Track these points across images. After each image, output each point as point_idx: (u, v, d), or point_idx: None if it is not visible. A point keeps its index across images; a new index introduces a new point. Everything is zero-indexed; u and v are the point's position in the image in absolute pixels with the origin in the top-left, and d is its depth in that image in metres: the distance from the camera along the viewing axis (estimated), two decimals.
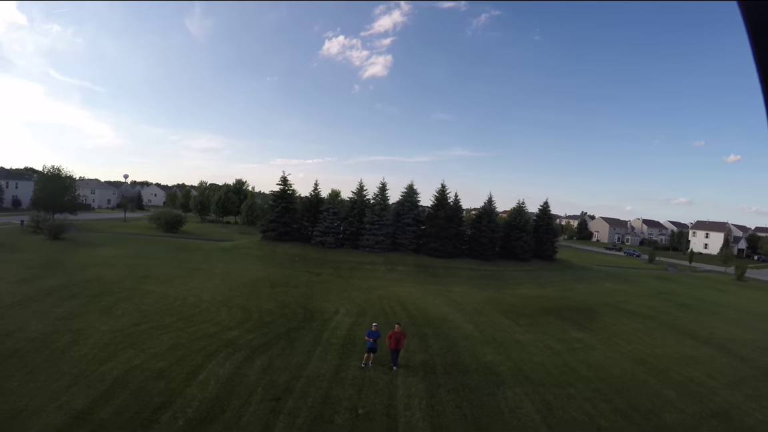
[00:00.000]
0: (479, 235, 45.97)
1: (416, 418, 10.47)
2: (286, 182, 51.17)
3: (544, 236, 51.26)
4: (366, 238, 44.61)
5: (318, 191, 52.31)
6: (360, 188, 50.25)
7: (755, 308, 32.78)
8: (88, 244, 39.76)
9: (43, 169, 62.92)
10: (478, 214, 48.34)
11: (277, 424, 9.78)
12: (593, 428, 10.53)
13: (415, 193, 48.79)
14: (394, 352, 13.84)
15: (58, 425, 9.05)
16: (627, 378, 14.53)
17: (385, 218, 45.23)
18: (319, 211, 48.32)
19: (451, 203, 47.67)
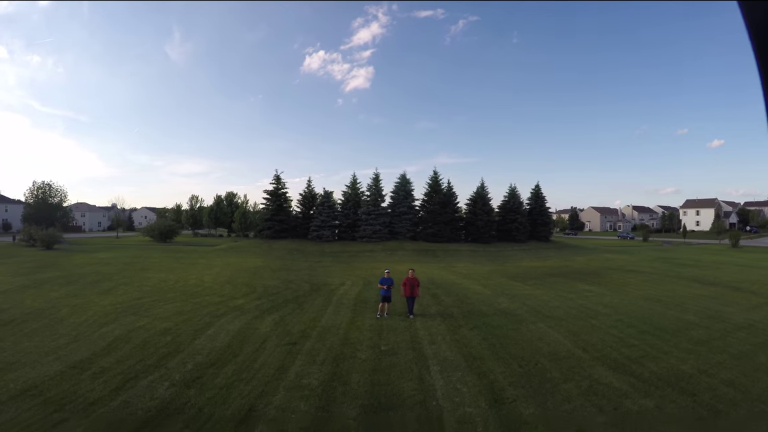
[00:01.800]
0: (475, 218, 45.91)
1: (443, 350, 10.10)
2: (279, 180, 50.73)
3: (538, 218, 51.42)
4: (363, 229, 44.25)
5: (312, 188, 51.91)
6: (353, 181, 50.03)
7: (755, 263, 33.06)
8: (83, 251, 38.82)
9: (33, 185, 61.80)
10: (473, 199, 48.35)
11: (295, 362, 9.31)
12: (625, 346, 10.26)
13: (409, 182, 48.67)
14: (409, 299, 13.48)
15: (52, 374, 8.46)
16: (645, 311, 14.36)
17: (380, 207, 45.00)
18: (313, 206, 47.91)
19: (445, 189, 47.62)
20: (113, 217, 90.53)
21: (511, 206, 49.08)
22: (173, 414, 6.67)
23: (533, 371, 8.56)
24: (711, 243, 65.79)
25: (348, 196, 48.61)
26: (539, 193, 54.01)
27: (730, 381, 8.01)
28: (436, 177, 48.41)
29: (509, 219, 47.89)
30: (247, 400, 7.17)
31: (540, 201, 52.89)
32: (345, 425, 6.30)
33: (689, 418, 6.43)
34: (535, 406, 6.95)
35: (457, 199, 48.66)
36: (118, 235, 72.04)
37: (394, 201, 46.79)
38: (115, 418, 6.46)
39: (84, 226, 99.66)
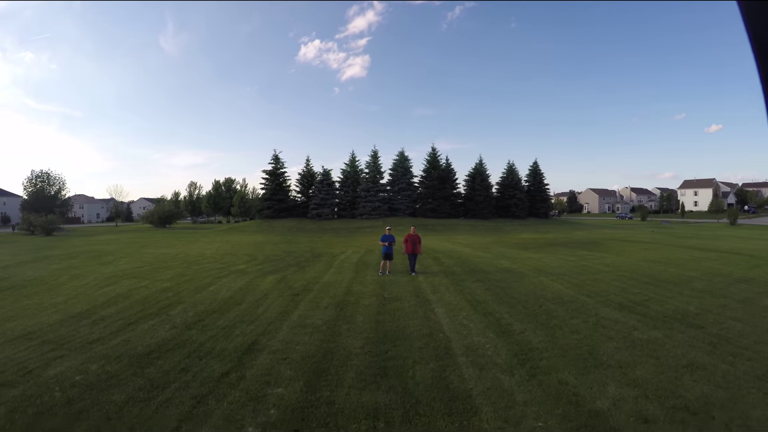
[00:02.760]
0: (474, 194, 45.77)
1: (447, 296, 10.05)
2: (278, 161, 50.31)
3: (537, 194, 51.30)
4: (362, 206, 44.09)
5: (310, 167, 51.52)
6: (352, 159, 49.63)
7: (754, 236, 33.14)
8: (83, 236, 38.82)
9: (31, 174, 61.22)
10: (471, 175, 48.12)
11: (299, 307, 9.24)
12: (628, 294, 10.22)
13: (407, 159, 48.33)
14: (411, 256, 13.41)
15: (51, 322, 8.36)
16: (646, 269, 14.34)
17: (379, 184, 44.78)
18: (312, 186, 47.63)
19: (443, 166, 47.32)
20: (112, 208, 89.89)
21: (509, 182, 48.92)
22: (174, 348, 6.59)
23: (539, 311, 8.51)
24: (709, 222, 66.03)
25: (347, 174, 48.32)
26: (537, 170, 53.78)
27: (736, 317, 7.98)
28: (434, 153, 48.06)
29: (508, 195, 47.79)
30: (249, 337, 7.09)
31: (538, 178, 52.70)
32: (350, 353, 6.23)
33: (701, 344, 6.38)
34: (544, 335, 6.91)
35: (455, 176, 48.50)
36: (117, 225, 71.79)
37: (393, 178, 46.56)
38: (113, 354, 6.36)
39: (83, 217, 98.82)
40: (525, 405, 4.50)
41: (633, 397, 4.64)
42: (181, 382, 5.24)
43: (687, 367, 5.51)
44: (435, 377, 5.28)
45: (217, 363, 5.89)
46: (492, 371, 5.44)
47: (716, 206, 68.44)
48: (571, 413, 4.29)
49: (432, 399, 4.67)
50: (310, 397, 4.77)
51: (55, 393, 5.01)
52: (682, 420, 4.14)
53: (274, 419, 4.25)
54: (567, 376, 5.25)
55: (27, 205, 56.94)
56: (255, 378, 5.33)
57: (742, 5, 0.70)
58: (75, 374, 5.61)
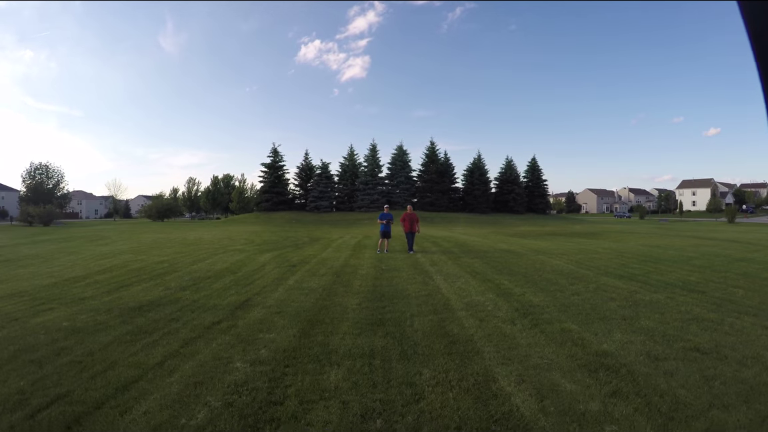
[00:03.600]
0: (472, 188, 45.65)
1: (446, 268, 9.90)
2: (276, 154, 50.05)
3: (535, 190, 51.21)
4: (361, 199, 43.92)
5: (309, 160, 51.30)
6: (351, 153, 49.44)
7: (752, 231, 33.11)
8: (81, 226, 38.62)
9: (30, 166, 60.83)
10: (470, 170, 47.98)
11: (296, 275, 9.08)
12: (628, 268, 10.08)
13: (405, 153, 48.16)
14: (408, 235, 13.26)
15: (44, 285, 8.21)
16: (645, 252, 14.22)
17: (378, 178, 44.61)
18: (311, 179, 47.42)
19: (442, 160, 47.18)
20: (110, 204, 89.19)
21: (507, 178, 48.82)
22: (166, 304, 6.42)
23: (538, 279, 8.37)
24: (708, 221, 66.09)
25: (345, 168, 48.12)
26: (536, 166, 53.68)
27: (737, 286, 7.83)
28: (432, 147, 47.91)
29: (506, 190, 47.71)
30: (244, 296, 6.94)
31: (537, 174, 52.60)
32: (346, 308, 6.07)
33: (705, 304, 6.24)
34: (544, 296, 6.76)
35: (454, 171, 48.36)
36: (116, 220, 71.40)
37: (392, 172, 46.40)
38: (103, 308, 6.20)
39: (81, 213, 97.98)
40: (529, 347, 4.35)
41: (640, 341, 4.49)
42: (170, 329, 5.08)
43: (693, 320, 5.37)
44: (434, 326, 5.12)
45: (209, 315, 5.72)
46: (493, 321, 5.29)
47: (714, 205, 68.49)
48: (578, 353, 4.14)
49: (431, 342, 4.52)
50: (303, 341, 4.61)
51: (40, 335, 4.85)
52: (693, 359, 3.99)
53: (264, 357, 4.08)
54: (570, 325, 5.11)
55: (25, 197, 56.55)
56: (247, 326, 5.17)
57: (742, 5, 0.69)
58: (62, 321, 5.44)
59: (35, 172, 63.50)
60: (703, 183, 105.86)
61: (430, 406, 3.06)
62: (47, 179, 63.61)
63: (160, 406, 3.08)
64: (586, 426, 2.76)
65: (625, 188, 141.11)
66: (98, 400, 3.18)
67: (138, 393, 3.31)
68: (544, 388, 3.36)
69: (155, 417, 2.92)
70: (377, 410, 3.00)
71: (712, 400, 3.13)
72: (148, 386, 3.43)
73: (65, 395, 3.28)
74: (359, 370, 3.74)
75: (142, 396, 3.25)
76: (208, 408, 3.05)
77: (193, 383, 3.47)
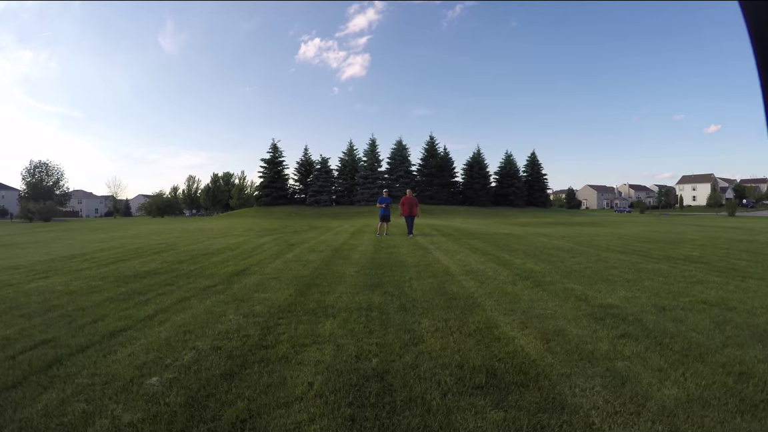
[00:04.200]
0: (472, 182, 45.49)
1: (446, 246, 9.76)
2: (276, 149, 49.86)
3: (535, 184, 51.04)
4: (360, 193, 43.77)
5: (308, 155, 51.11)
6: (350, 148, 49.26)
7: (752, 222, 32.99)
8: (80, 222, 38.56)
9: (30, 164, 60.60)
10: (469, 163, 47.81)
11: (294, 251, 8.94)
12: (629, 246, 9.94)
13: (405, 148, 47.97)
14: (408, 218, 13.10)
15: (41, 260, 8.14)
16: (646, 234, 14.09)
17: (377, 172, 44.45)
18: (310, 174, 47.26)
19: (441, 154, 46.99)
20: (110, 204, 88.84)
21: (507, 171, 48.63)
22: (162, 273, 6.30)
23: (540, 254, 8.23)
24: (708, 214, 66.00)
25: (345, 163, 47.94)
26: (535, 160, 53.49)
27: (740, 258, 7.71)
28: (432, 142, 47.74)
29: (506, 184, 47.56)
30: (241, 267, 6.81)
31: (536, 168, 52.43)
32: (344, 274, 5.94)
33: (709, 272, 6.11)
34: (546, 265, 6.63)
35: (453, 165, 48.20)
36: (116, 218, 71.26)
37: (391, 166, 46.22)
38: (99, 276, 6.09)
39: (81, 212, 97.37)
40: (531, 301, 4.22)
41: (646, 297, 4.38)
42: (164, 291, 4.96)
43: (697, 282, 5.25)
44: (433, 287, 5.00)
45: (205, 280, 5.60)
46: (493, 283, 5.17)
47: (714, 200, 68.26)
48: (582, 306, 4.02)
49: (430, 299, 4.39)
50: (299, 299, 4.48)
51: (32, 296, 4.74)
52: (701, 309, 3.87)
53: (258, 312, 3.95)
54: (573, 285, 4.98)
55: (25, 195, 56.38)
56: (242, 288, 5.05)
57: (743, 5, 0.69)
58: (56, 286, 5.34)
59: (35, 169, 63.21)
60: (703, 178, 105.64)
61: (429, 348, 2.93)
62: (47, 177, 63.34)
63: (146, 349, 2.96)
64: (596, 362, 2.63)
65: (625, 184, 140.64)
66: (83, 345, 3.07)
67: (125, 339, 3.20)
68: (549, 332, 3.23)
69: (140, 358, 2.80)
70: (373, 352, 2.87)
71: (725, 340, 3.01)
72: (136, 334, 3.32)
73: (50, 341, 3.17)
74: (356, 320, 3.61)
75: (129, 342, 3.14)
76: (196, 351, 2.92)
77: (183, 332, 3.35)
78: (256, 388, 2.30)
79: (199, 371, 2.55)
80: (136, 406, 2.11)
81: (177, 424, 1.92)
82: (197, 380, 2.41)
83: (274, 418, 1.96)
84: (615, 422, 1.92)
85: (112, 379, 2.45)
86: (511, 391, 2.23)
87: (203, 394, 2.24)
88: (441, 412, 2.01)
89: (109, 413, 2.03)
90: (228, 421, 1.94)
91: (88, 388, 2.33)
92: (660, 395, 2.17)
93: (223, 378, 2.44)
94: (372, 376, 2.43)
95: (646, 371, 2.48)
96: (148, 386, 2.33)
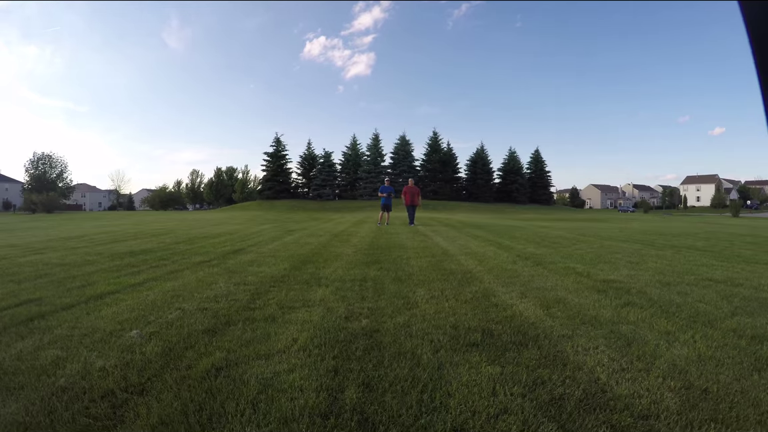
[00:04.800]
0: (475, 178, 45.26)
1: (447, 234, 9.63)
2: (279, 143, 49.76)
3: (538, 181, 50.74)
4: (363, 187, 43.63)
5: (312, 150, 50.98)
6: (354, 142, 49.09)
7: (756, 221, 32.67)
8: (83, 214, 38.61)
9: (33, 156, 60.68)
10: (473, 159, 47.57)
11: (293, 235, 8.83)
12: (633, 237, 9.78)
13: (408, 143, 47.76)
14: (409, 208, 12.98)
15: (40, 241, 8.08)
16: (649, 228, 13.92)
17: (380, 167, 44.28)
18: (314, 168, 47.14)
19: (445, 150, 46.77)
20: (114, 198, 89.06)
21: (511, 168, 48.36)
22: (158, 251, 6.22)
23: (541, 241, 8.09)
24: (712, 215, 65.51)
25: (348, 157, 47.78)
26: (539, 157, 53.19)
27: (745, 249, 7.53)
28: (435, 137, 47.48)
29: (509, 180, 47.30)
30: (238, 247, 6.71)
31: (540, 165, 52.13)
32: (341, 254, 5.82)
33: (713, 258, 5.95)
34: (546, 250, 6.50)
35: (457, 161, 47.94)
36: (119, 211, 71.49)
37: (395, 161, 46.03)
38: (94, 252, 6.00)
39: (84, 205, 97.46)
40: (531, 277, 4.09)
41: (649, 275, 4.24)
42: (158, 264, 4.88)
43: (702, 265, 5.11)
44: (431, 264, 4.88)
45: (200, 257, 5.51)
46: (493, 262, 5.04)
47: (719, 200, 67.76)
48: (584, 281, 3.89)
49: (428, 273, 4.28)
50: (293, 272, 4.37)
51: (26, 267, 4.66)
52: (707, 285, 3.73)
53: (250, 281, 3.84)
54: (574, 265, 4.85)
55: (28, 187, 56.50)
56: (237, 264, 4.95)
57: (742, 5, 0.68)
58: (51, 259, 5.27)
59: (38, 162, 63.30)
60: (707, 179, 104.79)
61: (423, 312, 2.82)
62: (50, 169, 63.42)
63: (131, 309, 2.88)
64: (599, 326, 2.50)
65: (629, 184, 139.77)
66: (68, 304, 3.00)
67: (111, 301, 3.12)
68: (549, 300, 3.11)
69: (123, 315, 2.72)
70: (364, 314, 2.76)
71: (734, 310, 2.89)
72: (123, 296, 3.24)
73: (36, 300, 3.11)
74: (349, 288, 3.51)
75: (115, 303, 3.06)
76: (181, 311, 2.83)
77: (171, 296, 3.27)
78: (238, 342, 2.20)
79: (181, 327, 2.45)
80: (110, 354, 2.03)
81: (149, 371, 1.84)
82: (178, 335, 2.32)
83: (251, 368, 1.86)
84: (623, 378, 1.79)
85: (91, 331, 2.37)
86: (509, 349, 2.11)
87: (182, 346, 2.15)
88: (432, 366, 1.89)
89: (83, 359, 1.95)
90: (203, 369, 1.83)
91: (66, 338, 2.26)
92: (669, 354, 2.05)
93: (205, 333, 2.35)
94: (361, 334, 2.32)
95: (652, 334, 2.36)
96: (127, 338, 2.25)
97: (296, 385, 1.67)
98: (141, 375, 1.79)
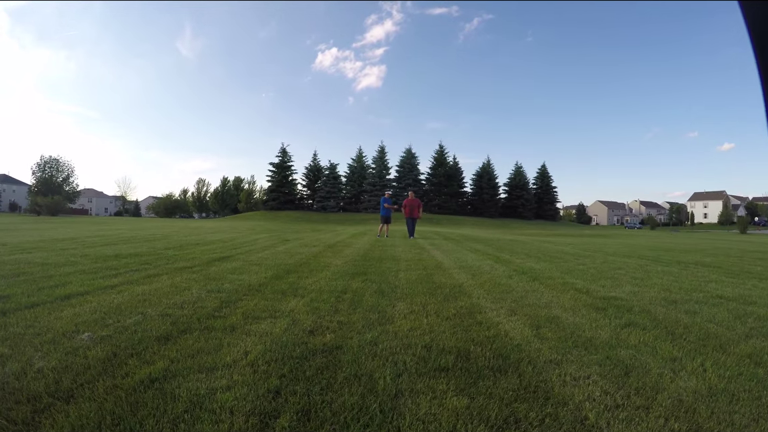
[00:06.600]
0: (481, 192, 44.95)
1: (445, 247, 9.36)
2: (285, 154, 49.98)
3: (544, 197, 50.30)
4: (368, 200, 43.47)
5: (317, 161, 51.12)
6: (359, 155, 49.17)
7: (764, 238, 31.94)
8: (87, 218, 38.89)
9: (41, 159, 61.44)
10: (478, 174, 47.32)
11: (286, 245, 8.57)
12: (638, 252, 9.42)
13: (414, 156, 47.69)
14: (409, 220, 12.72)
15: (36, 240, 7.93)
16: (655, 245, 13.48)
17: (385, 180, 44.16)
18: (319, 180, 47.17)
19: (450, 163, 46.62)
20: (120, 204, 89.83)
21: (516, 183, 48.03)
22: (145, 255, 6.03)
23: (542, 256, 7.78)
24: (719, 231, 64.41)
25: (353, 169, 47.78)
26: (545, 173, 52.80)
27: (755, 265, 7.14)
28: (441, 151, 47.35)
29: (515, 195, 46.92)
30: (226, 254, 6.49)
31: (546, 180, 51.74)
32: (329, 264, 5.57)
33: (722, 273, 5.61)
34: (546, 264, 6.20)
35: (462, 175, 47.72)
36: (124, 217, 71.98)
37: (400, 174, 45.93)
38: (81, 254, 5.82)
39: (91, 210, 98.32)
40: (525, 292, 3.81)
41: (654, 292, 3.95)
42: (139, 268, 4.68)
43: (711, 281, 4.80)
44: (421, 277, 4.61)
45: (184, 263, 5.30)
46: (487, 276, 4.76)
47: (726, 217, 66.60)
48: (582, 297, 3.61)
49: (414, 286, 4.02)
50: (273, 281, 4.13)
51: (7, 266, 4.56)
52: (717, 303, 3.43)
53: (225, 289, 3.61)
54: (574, 281, 4.56)
55: (35, 190, 57.06)
56: (219, 271, 4.73)
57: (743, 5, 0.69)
58: (34, 259, 5.12)
59: (45, 165, 64.01)
60: (714, 195, 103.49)
61: (396, 328, 2.55)
62: (57, 173, 64.03)
63: (93, 311, 2.76)
64: (594, 350, 2.21)
65: (636, 201, 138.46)
66: (34, 302, 2.98)
67: (77, 302, 3.02)
68: (540, 319, 2.83)
69: (82, 317, 2.61)
70: (331, 328, 2.49)
71: (748, 332, 2.59)
72: (90, 299, 3.12)
73: (3, 297, 3.10)
74: (324, 300, 3.25)
75: (80, 304, 2.96)
76: (142, 315, 2.66)
77: (139, 300, 3.08)
78: (186, 352, 1.99)
79: (135, 332, 2.29)
80: (54, 355, 1.92)
81: (84, 376, 1.70)
82: (128, 340, 2.16)
83: (187, 381, 1.64)
84: (615, 417, 1.49)
85: (44, 331, 2.29)
86: (484, 376, 1.83)
87: (128, 352, 1.97)
88: (387, 393, 1.62)
89: (25, 359, 1.87)
90: (138, 379, 1.66)
91: (18, 336, 2.19)
92: (674, 386, 1.75)
93: (157, 340, 2.16)
94: (320, 351, 2.07)
95: (655, 360, 2.07)
96: (77, 341, 2.16)
97: (227, 407, 1.46)
98: (75, 380, 1.66)
